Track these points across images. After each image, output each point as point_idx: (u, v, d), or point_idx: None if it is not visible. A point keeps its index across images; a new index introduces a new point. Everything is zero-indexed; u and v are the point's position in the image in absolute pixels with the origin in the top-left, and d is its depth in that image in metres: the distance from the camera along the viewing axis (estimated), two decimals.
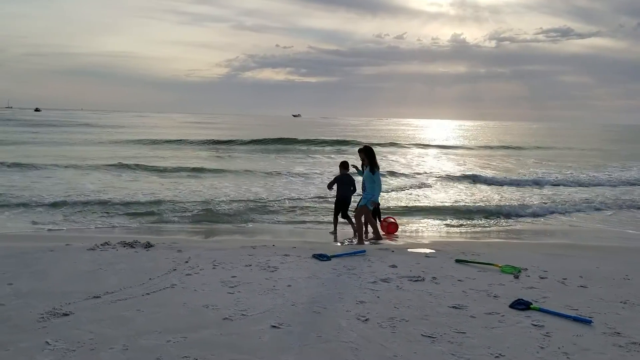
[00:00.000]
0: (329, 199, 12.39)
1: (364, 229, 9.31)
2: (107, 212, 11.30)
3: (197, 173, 19.16)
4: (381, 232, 9.43)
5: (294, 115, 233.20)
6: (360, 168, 9.74)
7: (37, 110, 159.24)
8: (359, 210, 9.19)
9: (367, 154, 9.05)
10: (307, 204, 13.22)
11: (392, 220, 10.19)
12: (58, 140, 35.07)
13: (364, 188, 9.18)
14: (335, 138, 43.60)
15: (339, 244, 8.90)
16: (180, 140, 37.52)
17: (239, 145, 35.47)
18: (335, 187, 9.84)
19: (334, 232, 9.93)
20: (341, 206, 9.86)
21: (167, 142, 35.75)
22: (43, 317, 4.71)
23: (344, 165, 10.05)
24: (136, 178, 17.36)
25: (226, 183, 16.68)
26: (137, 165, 20.38)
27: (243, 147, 34.71)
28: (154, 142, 35.33)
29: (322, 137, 43.21)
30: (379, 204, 9.89)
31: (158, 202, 12.47)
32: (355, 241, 8.92)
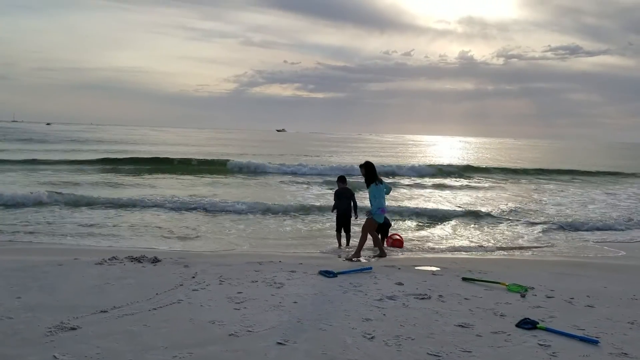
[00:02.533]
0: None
1: (364, 242, 9.34)
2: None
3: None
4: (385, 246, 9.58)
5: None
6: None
7: (48, 124, 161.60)
8: (365, 223, 9.35)
9: (367, 169, 9.35)
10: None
11: (398, 237, 10.34)
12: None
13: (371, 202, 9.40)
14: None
15: (344, 259, 8.89)
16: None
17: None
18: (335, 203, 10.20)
19: (340, 247, 10.09)
20: (342, 220, 10.08)
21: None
22: (51, 331, 4.74)
23: (341, 180, 10.35)
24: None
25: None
26: None
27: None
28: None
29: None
30: (389, 223, 10.12)
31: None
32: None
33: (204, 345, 4.54)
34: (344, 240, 10.21)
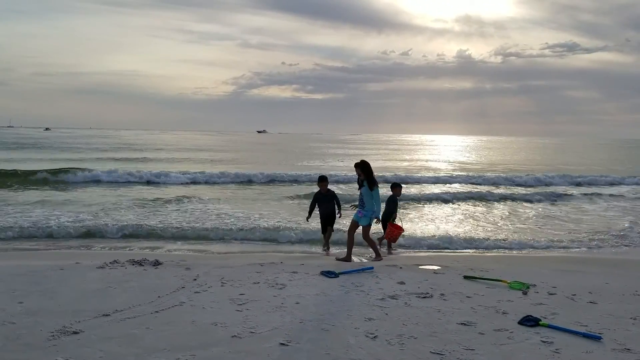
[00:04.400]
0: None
1: (377, 243, 9.25)
2: None
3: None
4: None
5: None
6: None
7: (47, 129, 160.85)
8: (364, 232, 8.79)
9: (363, 169, 8.69)
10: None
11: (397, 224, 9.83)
12: None
13: (362, 204, 8.74)
14: None
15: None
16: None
17: None
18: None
19: (326, 247, 9.82)
20: (326, 221, 9.71)
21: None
22: (53, 336, 4.74)
23: (322, 180, 9.73)
24: None
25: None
26: None
27: None
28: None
29: None
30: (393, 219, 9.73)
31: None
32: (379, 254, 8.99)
33: (207, 347, 4.54)
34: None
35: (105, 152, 47.37)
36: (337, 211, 9.71)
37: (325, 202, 9.69)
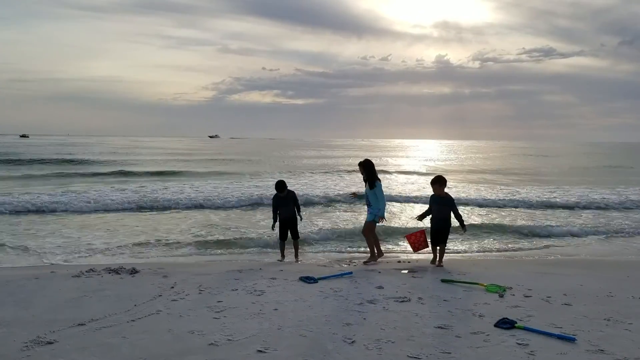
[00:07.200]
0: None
1: (374, 244, 9.02)
2: None
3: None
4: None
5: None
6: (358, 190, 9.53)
7: (23, 136, 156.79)
8: (366, 226, 8.94)
9: (366, 167, 8.85)
10: None
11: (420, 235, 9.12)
12: None
13: (368, 202, 8.89)
14: None
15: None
16: None
17: None
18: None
19: (283, 259, 9.44)
20: (287, 227, 9.40)
21: None
22: (27, 346, 4.66)
23: (279, 187, 9.27)
24: None
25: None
26: None
27: None
28: None
29: None
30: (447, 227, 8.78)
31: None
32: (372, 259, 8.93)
33: (184, 356, 4.50)
34: (287, 252, 9.58)
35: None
36: (297, 214, 9.46)
37: (284, 206, 9.35)
